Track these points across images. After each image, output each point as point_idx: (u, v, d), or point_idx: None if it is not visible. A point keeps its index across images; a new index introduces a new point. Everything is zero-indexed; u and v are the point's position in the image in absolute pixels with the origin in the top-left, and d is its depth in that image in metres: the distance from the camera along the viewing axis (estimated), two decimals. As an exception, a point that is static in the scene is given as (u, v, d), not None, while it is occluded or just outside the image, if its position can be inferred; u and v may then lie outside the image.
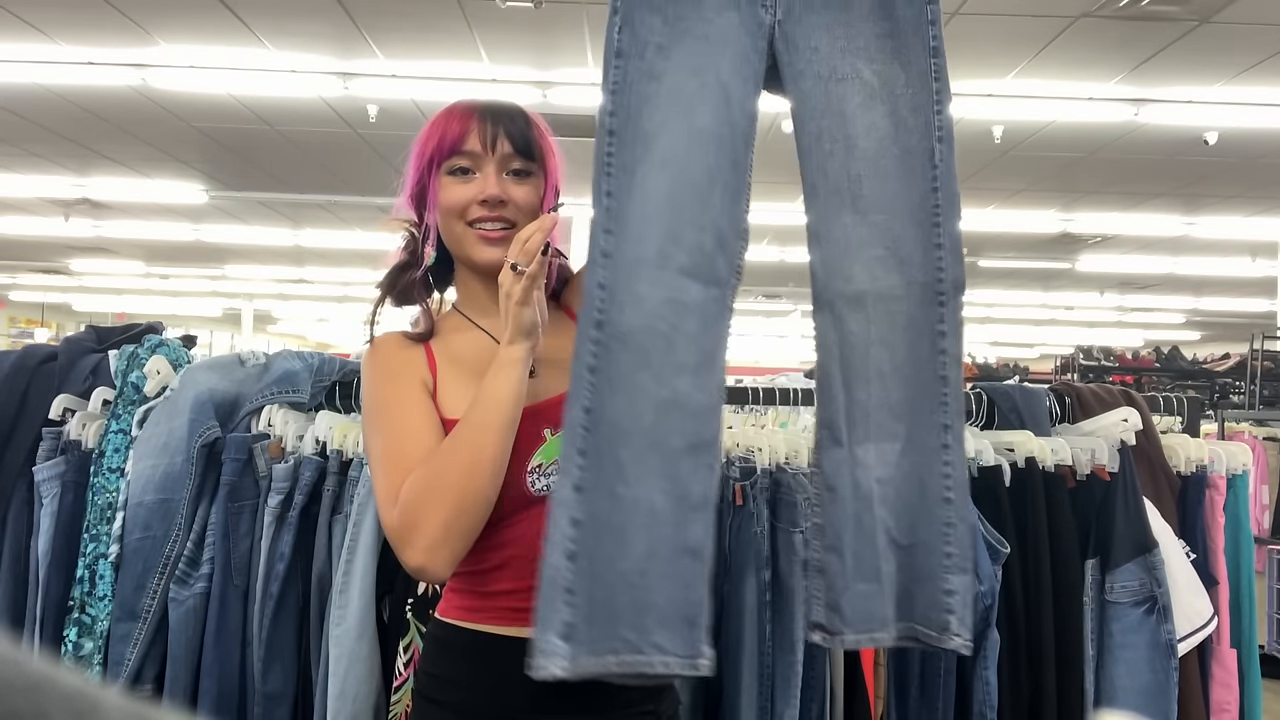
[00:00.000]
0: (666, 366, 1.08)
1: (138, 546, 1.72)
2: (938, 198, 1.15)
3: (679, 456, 1.07)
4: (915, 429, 1.14)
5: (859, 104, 1.15)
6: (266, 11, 4.61)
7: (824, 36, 1.16)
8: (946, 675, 1.63)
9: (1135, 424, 1.79)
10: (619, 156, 1.13)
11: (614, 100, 1.13)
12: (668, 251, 1.10)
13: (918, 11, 1.20)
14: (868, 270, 1.14)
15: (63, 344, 2.06)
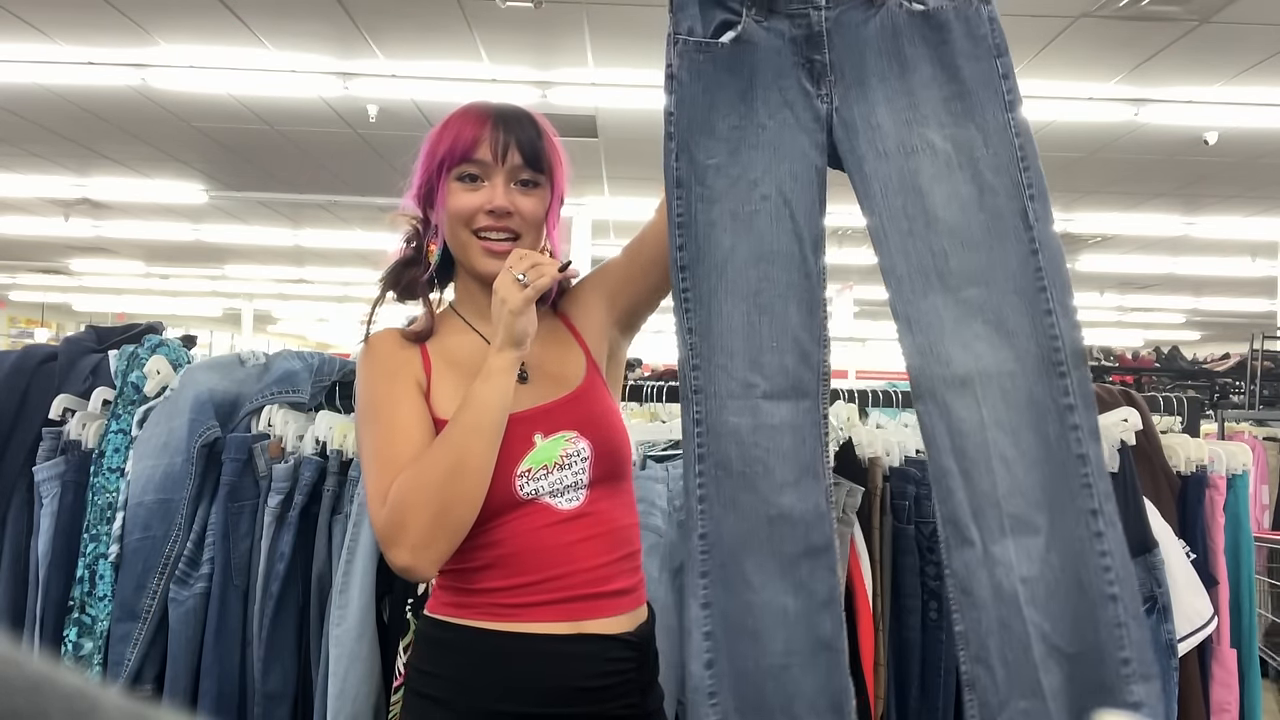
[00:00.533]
0: (769, 487, 1.12)
1: (138, 546, 1.72)
2: (1039, 260, 1.07)
3: (798, 561, 1.12)
4: (1058, 518, 1.04)
5: (934, 175, 1.09)
6: (266, 11, 4.61)
7: (885, 111, 1.11)
8: (946, 675, 1.63)
9: (1135, 424, 1.78)
10: (694, 291, 1.14)
11: (681, 234, 1.14)
12: (751, 380, 1.12)
13: (986, 68, 1.12)
14: (968, 350, 1.06)
15: (63, 344, 2.06)
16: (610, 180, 7.79)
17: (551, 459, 1.12)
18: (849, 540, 1.64)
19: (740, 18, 1.11)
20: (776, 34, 1.12)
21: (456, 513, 1.05)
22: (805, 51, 1.12)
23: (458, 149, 1.15)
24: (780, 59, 1.12)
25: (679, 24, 1.13)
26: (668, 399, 1.99)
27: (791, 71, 1.12)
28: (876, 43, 1.11)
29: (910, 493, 1.67)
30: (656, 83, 4.28)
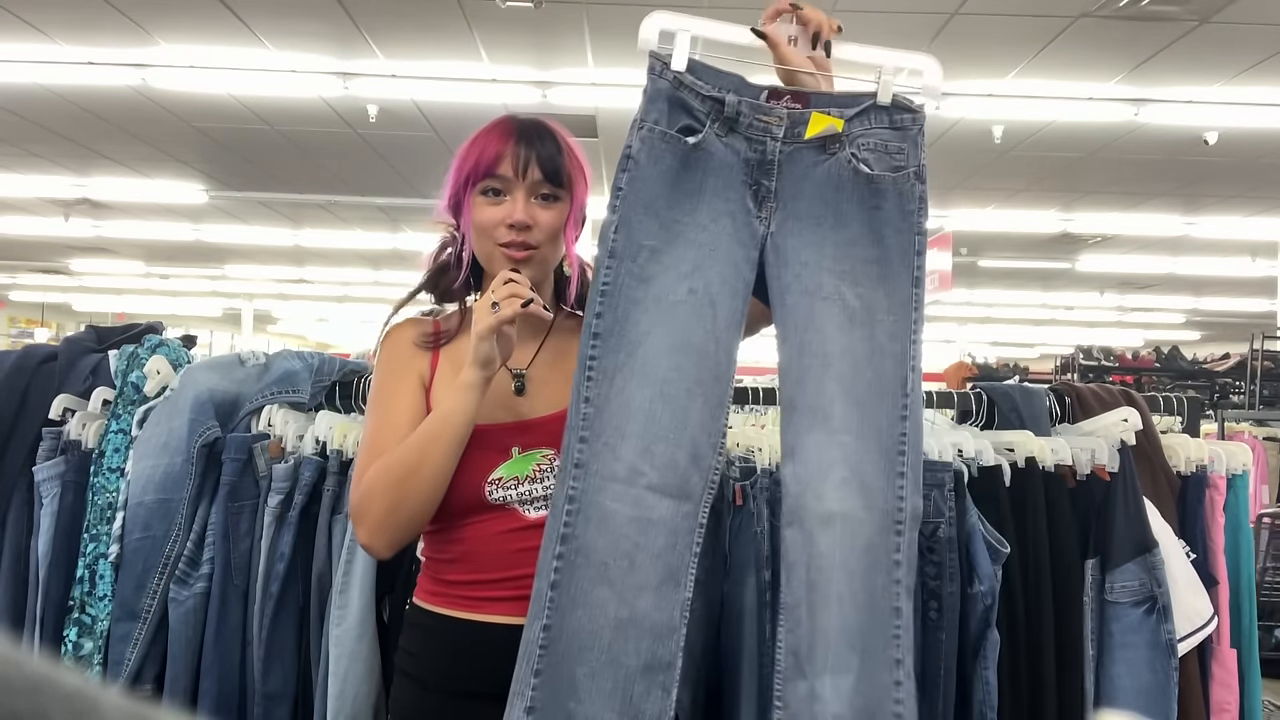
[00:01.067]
0: (628, 585, 1.09)
1: (138, 546, 1.72)
2: (904, 426, 1.16)
3: (634, 677, 1.08)
4: (868, 662, 1.12)
5: (839, 325, 1.16)
6: (266, 11, 4.61)
7: (813, 253, 1.17)
8: (946, 675, 1.63)
9: (1135, 424, 1.78)
10: (601, 362, 1.14)
11: (603, 303, 1.14)
12: (639, 467, 1.11)
13: (907, 241, 1.18)
14: (836, 491, 1.14)
15: (63, 344, 2.06)
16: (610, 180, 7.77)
17: (524, 472, 1.20)
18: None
19: (703, 128, 1.17)
20: (733, 151, 1.17)
21: (409, 507, 1.14)
22: (755, 175, 1.17)
23: (482, 165, 1.22)
24: (731, 174, 1.17)
25: (646, 113, 1.19)
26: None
27: (739, 188, 1.17)
28: (820, 188, 1.17)
29: (910, 493, 1.67)
30: (656, 83, 4.12)
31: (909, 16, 4.40)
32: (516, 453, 1.20)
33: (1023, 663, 1.67)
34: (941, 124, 5.92)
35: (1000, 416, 1.88)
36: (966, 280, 12.21)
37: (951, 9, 4.31)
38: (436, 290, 1.32)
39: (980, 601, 1.62)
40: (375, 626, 1.64)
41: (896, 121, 1.20)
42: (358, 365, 1.98)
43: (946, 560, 1.63)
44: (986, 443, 1.75)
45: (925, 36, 4.63)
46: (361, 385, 1.93)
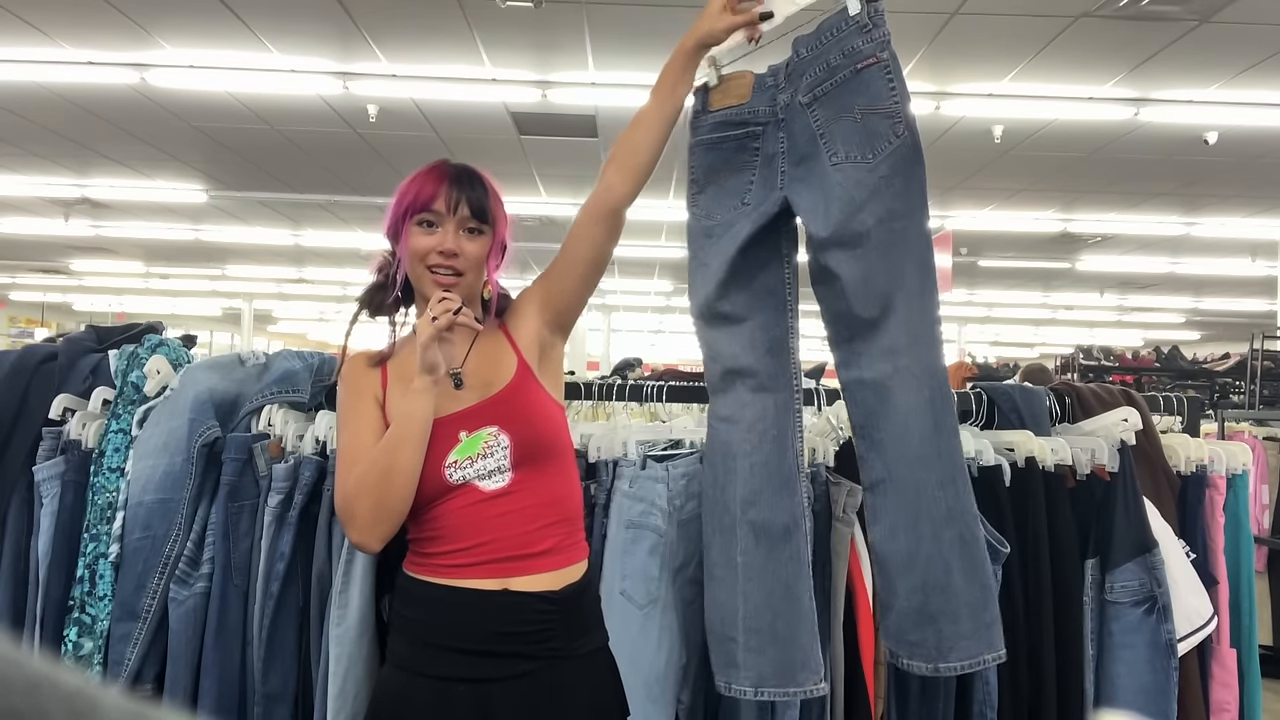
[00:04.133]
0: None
1: (138, 546, 1.72)
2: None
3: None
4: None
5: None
6: (267, 11, 4.61)
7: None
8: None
9: (1135, 424, 1.78)
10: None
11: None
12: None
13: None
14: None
15: (63, 344, 2.06)
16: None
17: (475, 450, 1.37)
18: (849, 540, 1.64)
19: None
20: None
21: (390, 504, 1.33)
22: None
23: (420, 200, 1.42)
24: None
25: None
26: (668, 399, 1.99)
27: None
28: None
29: (910, 493, 1.67)
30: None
31: (909, 16, 4.40)
32: (464, 436, 1.38)
33: (1023, 663, 1.67)
34: (941, 124, 5.92)
35: (1000, 416, 1.88)
36: (966, 280, 12.21)
37: (951, 9, 4.31)
38: (372, 306, 1.51)
39: (980, 601, 1.62)
40: (375, 626, 1.64)
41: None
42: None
43: (946, 560, 1.63)
44: (986, 443, 1.75)
45: (925, 36, 4.63)
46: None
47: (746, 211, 1.55)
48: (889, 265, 1.42)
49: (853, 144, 1.41)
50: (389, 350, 1.50)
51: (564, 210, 8.84)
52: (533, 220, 9.42)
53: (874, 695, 1.63)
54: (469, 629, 1.34)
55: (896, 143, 1.39)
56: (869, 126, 1.40)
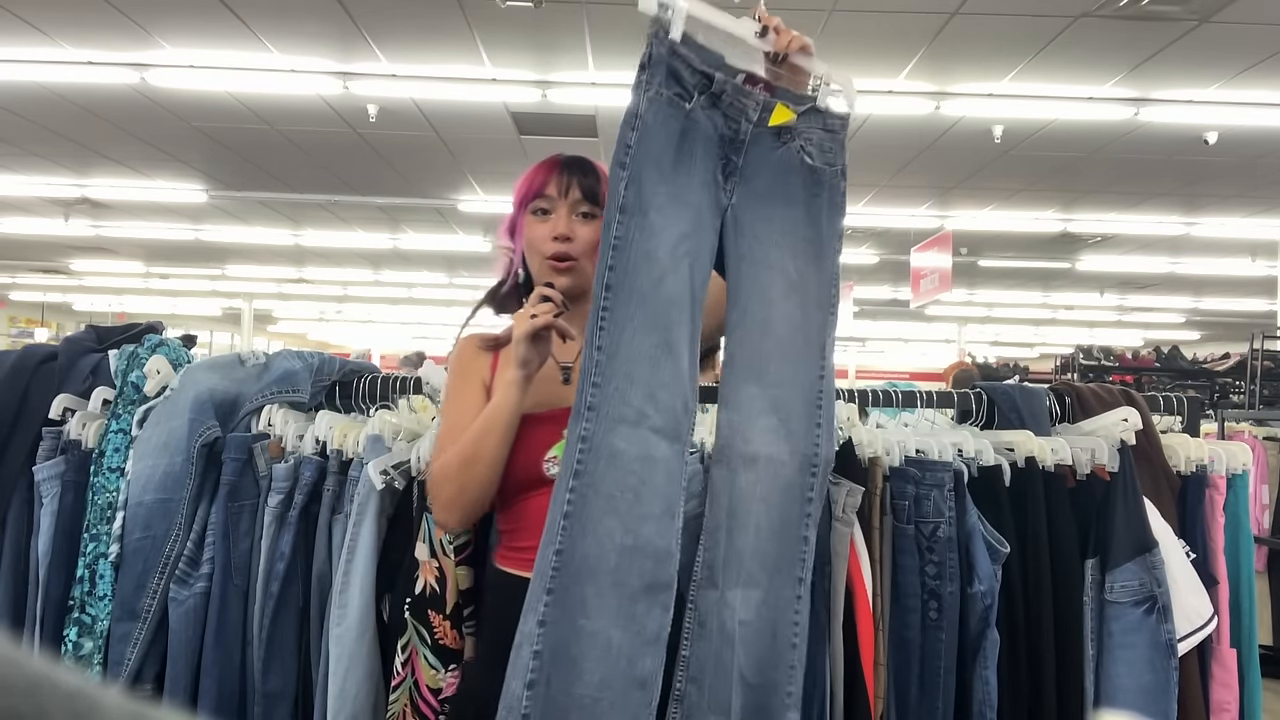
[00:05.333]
0: (633, 515, 1.23)
1: (138, 546, 1.72)
2: (822, 384, 1.35)
3: (637, 596, 1.22)
4: (776, 580, 1.31)
5: (780, 293, 1.33)
6: (267, 11, 4.61)
7: (764, 228, 1.34)
8: (946, 675, 1.63)
9: (1135, 424, 1.78)
10: (613, 312, 1.25)
11: (614, 256, 1.26)
12: (645, 411, 1.25)
13: (835, 226, 1.37)
14: (763, 436, 1.31)
15: (63, 344, 2.06)
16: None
17: None
18: (849, 540, 1.64)
19: (692, 99, 1.29)
20: (712, 124, 1.31)
21: (471, 491, 1.34)
22: (726, 150, 1.32)
23: (533, 189, 1.45)
24: (710, 146, 1.31)
25: (651, 78, 1.29)
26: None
27: (714, 160, 1.32)
28: (775, 170, 1.33)
29: (910, 493, 1.67)
30: (656, 83, 4.11)
31: (909, 16, 4.40)
32: (566, 434, 1.35)
33: (1023, 663, 1.67)
34: (941, 124, 5.92)
35: (1000, 416, 1.88)
36: (966, 280, 12.21)
37: (951, 9, 4.31)
38: (495, 302, 1.54)
39: (980, 601, 1.62)
40: (375, 626, 1.64)
41: (829, 124, 1.37)
42: (358, 365, 1.98)
43: (946, 560, 1.63)
44: (986, 442, 1.75)
45: (925, 36, 4.63)
46: (362, 385, 1.93)
47: None
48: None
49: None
50: (505, 336, 1.49)
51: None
52: (533, 220, 9.41)
53: (874, 695, 1.63)
54: None
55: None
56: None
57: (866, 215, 8.74)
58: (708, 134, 1.30)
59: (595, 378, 1.23)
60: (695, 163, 1.29)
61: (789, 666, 1.29)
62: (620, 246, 1.25)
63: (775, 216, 1.33)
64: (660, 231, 1.26)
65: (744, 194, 1.32)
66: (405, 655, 1.56)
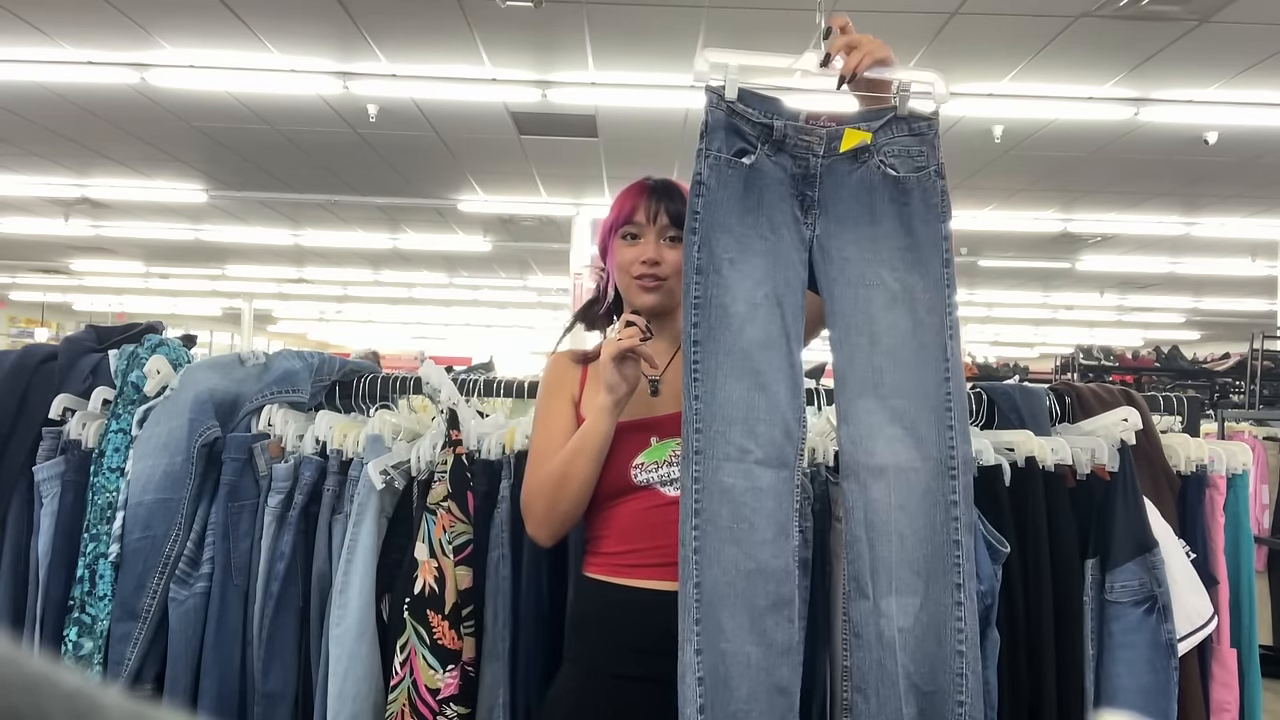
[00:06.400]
0: (750, 541, 1.30)
1: (138, 546, 1.72)
2: (949, 386, 1.34)
3: (765, 613, 1.29)
4: (932, 586, 1.31)
5: (883, 305, 1.35)
6: (267, 12, 4.61)
7: (854, 249, 1.36)
8: (946, 675, 1.63)
9: (1135, 424, 1.78)
10: (704, 364, 1.33)
11: (697, 313, 1.34)
12: (746, 446, 1.31)
13: (934, 230, 1.37)
14: (888, 446, 1.32)
15: (63, 344, 2.06)
16: (610, 180, 7.78)
17: (661, 457, 1.43)
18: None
19: (755, 149, 1.35)
20: (781, 167, 1.35)
21: (562, 506, 1.41)
22: (800, 187, 1.36)
23: (622, 215, 1.51)
24: (781, 188, 1.36)
25: (710, 143, 1.36)
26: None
27: (788, 200, 1.36)
28: (856, 192, 1.35)
29: (910, 492, 1.67)
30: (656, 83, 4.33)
31: (909, 16, 4.40)
32: (655, 441, 1.44)
33: (1023, 663, 1.67)
34: (942, 124, 5.90)
35: (1000, 416, 1.88)
36: (966, 280, 12.21)
37: (951, 9, 4.31)
38: (586, 319, 1.61)
39: (980, 601, 1.62)
40: (375, 626, 1.64)
41: (915, 129, 1.39)
42: (358, 365, 1.98)
43: (946, 560, 1.63)
44: (986, 442, 1.75)
45: (925, 36, 4.63)
46: (362, 385, 1.93)
47: None
48: None
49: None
50: (595, 352, 1.56)
51: (564, 210, 8.84)
52: (532, 220, 9.42)
53: (874, 695, 1.63)
54: (642, 627, 1.39)
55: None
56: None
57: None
58: (777, 178, 1.35)
59: (697, 424, 1.31)
60: (765, 210, 1.35)
61: (955, 674, 1.29)
62: (701, 304, 1.34)
63: (863, 236, 1.35)
64: (736, 285, 1.34)
65: (826, 222, 1.36)
66: (404, 655, 1.56)
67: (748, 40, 4.75)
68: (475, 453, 1.71)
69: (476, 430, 1.73)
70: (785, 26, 4.59)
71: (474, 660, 1.61)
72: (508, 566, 1.65)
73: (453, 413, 1.70)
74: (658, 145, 6.61)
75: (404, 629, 1.57)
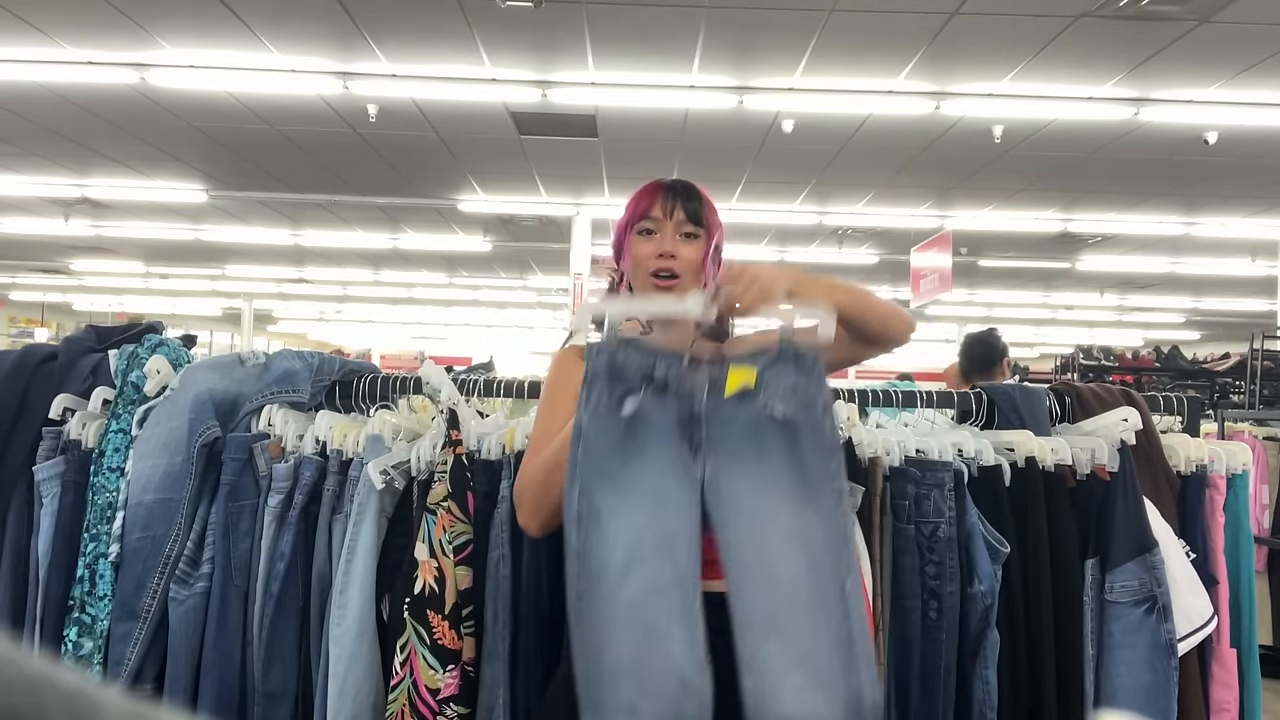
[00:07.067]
0: None
1: (138, 546, 1.72)
2: (850, 626, 1.28)
3: None
4: None
5: (778, 546, 1.30)
6: (266, 11, 4.61)
7: (746, 488, 1.33)
8: (946, 675, 1.63)
9: (1135, 424, 1.78)
10: (588, 618, 1.26)
11: (579, 564, 1.27)
12: (636, 705, 1.22)
13: (824, 466, 1.33)
14: (796, 697, 1.24)
15: (63, 344, 2.06)
16: (610, 180, 7.78)
17: None
18: (849, 540, 1.64)
19: (639, 394, 1.34)
20: (667, 411, 1.34)
21: (552, 497, 1.38)
22: (688, 428, 1.34)
23: (638, 211, 1.53)
24: (668, 430, 1.33)
25: (591, 392, 1.35)
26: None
27: (676, 442, 1.33)
28: (744, 431, 1.34)
29: (910, 493, 1.67)
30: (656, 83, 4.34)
31: (909, 16, 4.40)
32: None
33: (1023, 663, 1.67)
34: (941, 124, 5.92)
35: (1000, 416, 1.88)
36: (966, 280, 12.21)
37: (951, 9, 4.31)
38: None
39: (980, 601, 1.62)
40: (375, 626, 1.64)
41: (801, 365, 1.35)
42: (357, 365, 1.98)
43: (946, 560, 1.63)
44: (986, 442, 1.75)
45: (925, 36, 4.63)
46: (362, 385, 1.93)
47: None
48: None
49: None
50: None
51: (564, 210, 8.84)
52: (532, 220, 9.42)
53: (874, 695, 1.63)
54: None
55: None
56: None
57: (866, 215, 8.74)
58: (664, 421, 1.33)
59: (586, 678, 1.24)
60: (652, 454, 1.33)
61: None
62: (583, 554, 1.28)
63: (754, 474, 1.32)
64: (617, 534, 1.29)
65: (717, 462, 1.33)
66: (404, 655, 1.56)
67: (748, 40, 4.75)
68: (475, 453, 1.71)
69: (476, 430, 1.73)
70: (785, 26, 4.59)
71: (474, 660, 1.61)
72: (508, 566, 1.65)
73: (453, 413, 1.70)
74: (658, 145, 6.62)
75: (404, 629, 1.57)
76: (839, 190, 7.94)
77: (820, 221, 8.92)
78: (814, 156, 6.79)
